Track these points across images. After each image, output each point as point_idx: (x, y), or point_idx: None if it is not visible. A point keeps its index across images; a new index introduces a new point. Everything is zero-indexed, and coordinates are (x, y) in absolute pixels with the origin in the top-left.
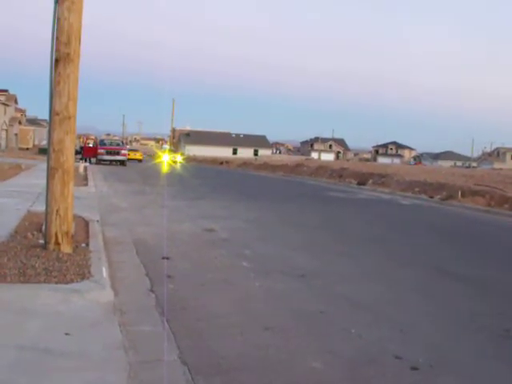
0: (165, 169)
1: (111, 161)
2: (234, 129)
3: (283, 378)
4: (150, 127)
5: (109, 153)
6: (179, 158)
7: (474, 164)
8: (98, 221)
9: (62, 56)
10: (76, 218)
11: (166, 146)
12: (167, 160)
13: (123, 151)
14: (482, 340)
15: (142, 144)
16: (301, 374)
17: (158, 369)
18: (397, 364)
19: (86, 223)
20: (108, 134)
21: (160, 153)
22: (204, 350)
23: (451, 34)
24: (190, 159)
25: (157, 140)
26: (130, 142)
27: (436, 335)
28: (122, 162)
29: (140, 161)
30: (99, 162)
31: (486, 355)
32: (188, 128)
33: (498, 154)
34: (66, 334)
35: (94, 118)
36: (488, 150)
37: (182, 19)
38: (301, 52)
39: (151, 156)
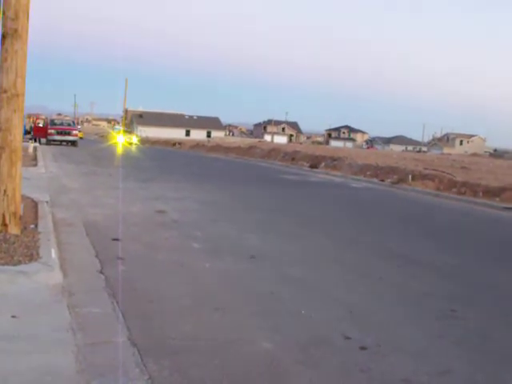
0: (118, 150)
1: (62, 141)
2: (188, 110)
3: (233, 358)
4: (103, 108)
5: (59, 133)
6: (134, 139)
7: (425, 149)
8: (47, 202)
9: (10, 32)
10: (25, 198)
11: (119, 127)
12: (122, 141)
13: (74, 131)
14: (429, 320)
15: (94, 125)
16: (251, 354)
17: (108, 350)
18: (346, 344)
19: (35, 204)
20: (59, 114)
21: (114, 134)
22: (154, 332)
23: (403, 19)
24: (143, 140)
25: (109, 121)
26: (82, 122)
27: (385, 316)
28: (73, 143)
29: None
30: (49, 142)
31: (433, 334)
32: (141, 109)
33: (447, 139)
34: (13, 316)
35: (44, 97)
36: (438, 135)
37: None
38: (257, 39)
39: (104, 137)
